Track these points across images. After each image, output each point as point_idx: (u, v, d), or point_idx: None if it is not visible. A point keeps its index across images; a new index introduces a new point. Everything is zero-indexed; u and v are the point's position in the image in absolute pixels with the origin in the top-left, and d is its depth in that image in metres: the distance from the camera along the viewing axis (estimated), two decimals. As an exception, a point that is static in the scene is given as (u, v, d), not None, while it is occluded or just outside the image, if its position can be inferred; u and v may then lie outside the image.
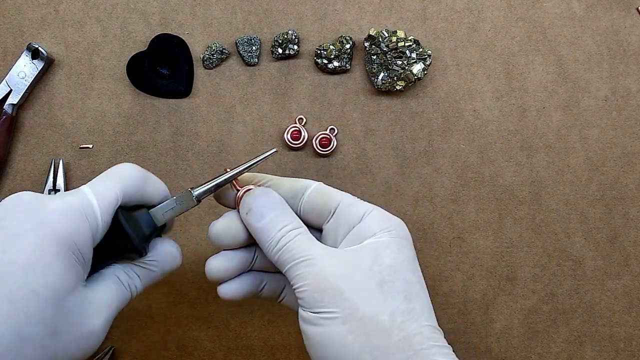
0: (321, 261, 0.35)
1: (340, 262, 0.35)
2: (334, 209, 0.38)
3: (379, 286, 0.34)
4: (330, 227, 0.38)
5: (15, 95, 0.51)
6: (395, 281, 0.34)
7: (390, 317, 0.33)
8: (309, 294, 0.34)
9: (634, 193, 0.53)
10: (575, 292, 0.53)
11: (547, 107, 0.54)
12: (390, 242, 0.36)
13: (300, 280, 0.35)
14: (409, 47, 0.51)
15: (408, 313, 0.34)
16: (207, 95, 0.53)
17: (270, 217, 0.37)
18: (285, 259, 0.36)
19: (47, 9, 0.53)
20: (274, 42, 0.52)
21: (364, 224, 0.37)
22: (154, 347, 0.52)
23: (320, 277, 0.34)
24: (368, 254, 0.35)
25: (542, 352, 0.52)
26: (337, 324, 0.33)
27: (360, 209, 0.37)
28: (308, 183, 0.39)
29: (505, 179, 0.53)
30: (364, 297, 0.33)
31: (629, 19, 0.54)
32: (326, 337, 0.34)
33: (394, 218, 0.38)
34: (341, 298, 0.33)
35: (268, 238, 0.36)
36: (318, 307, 0.34)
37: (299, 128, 0.52)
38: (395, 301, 0.34)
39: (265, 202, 0.37)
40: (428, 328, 0.34)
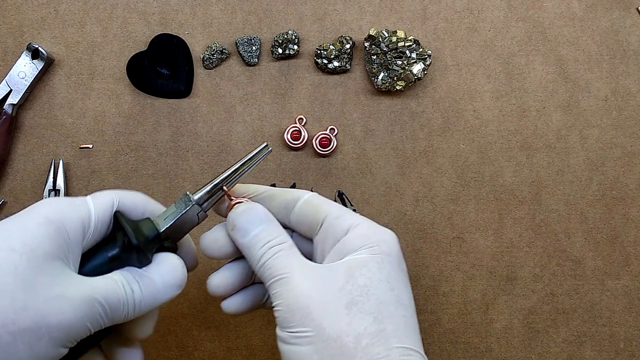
0: (295, 279, 0.35)
1: (313, 281, 0.35)
2: (322, 220, 0.38)
3: (347, 307, 0.34)
4: (319, 239, 0.38)
5: (15, 95, 0.51)
6: (365, 302, 0.34)
7: (355, 339, 0.33)
8: (281, 313, 0.34)
9: (634, 193, 0.53)
10: (575, 292, 0.53)
11: (547, 107, 0.54)
12: (368, 260, 0.35)
13: (276, 299, 0.35)
14: (409, 47, 0.51)
15: (376, 335, 0.33)
16: (207, 95, 0.53)
17: (254, 233, 0.37)
18: (266, 276, 0.36)
19: (47, 9, 0.53)
20: (274, 42, 0.52)
21: (347, 239, 0.36)
22: (154, 347, 0.52)
23: (292, 297, 0.34)
24: (343, 272, 0.35)
25: (542, 352, 0.52)
26: (304, 343, 0.33)
27: (347, 222, 0.37)
28: (300, 194, 0.39)
29: (505, 179, 0.53)
30: (331, 318, 0.33)
31: (629, 19, 0.54)
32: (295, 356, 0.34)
33: (381, 232, 0.37)
34: (309, 318, 0.33)
35: (252, 254, 0.37)
36: (289, 327, 0.34)
37: (299, 128, 0.52)
38: (363, 322, 0.33)
39: (249, 219, 0.37)
40: (398, 350, 0.33)
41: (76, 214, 0.34)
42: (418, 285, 0.52)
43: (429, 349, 0.52)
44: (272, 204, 0.39)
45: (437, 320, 0.52)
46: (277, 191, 0.40)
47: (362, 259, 0.35)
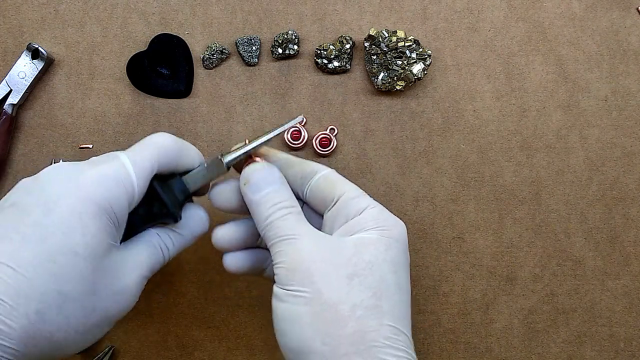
0: (302, 241, 0.35)
1: (320, 247, 0.35)
2: (337, 198, 0.38)
3: (349, 277, 0.34)
4: (330, 215, 0.38)
5: (15, 95, 0.51)
6: (368, 276, 0.34)
7: (350, 308, 0.33)
8: (283, 271, 0.35)
9: (634, 193, 0.53)
10: (575, 292, 0.53)
11: (547, 107, 0.54)
12: (377, 240, 0.36)
13: (279, 257, 0.35)
14: (409, 47, 0.51)
15: (371, 309, 0.34)
16: (207, 95, 0.53)
17: (266, 191, 0.37)
18: (270, 235, 0.36)
19: (47, 9, 0.53)
20: (274, 42, 0.52)
21: (360, 218, 0.37)
22: (154, 347, 0.52)
23: (296, 257, 0.35)
24: (351, 246, 0.36)
25: (542, 352, 0.52)
26: (300, 303, 0.34)
27: (362, 203, 0.38)
28: (319, 168, 0.40)
29: (505, 179, 0.53)
30: (331, 284, 0.34)
31: (629, 19, 0.54)
32: (288, 313, 0.34)
33: (394, 219, 0.38)
34: (309, 280, 0.34)
35: (260, 212, 0.37)
36: (288, 285, 0.34)
37: (299, 128, 0.52)
38: (361, 295, 0.34)
39: (263, 177, 0.38)
40: (389, 328, 0.34)
41: (123, 195, 0.34)
42: (418, 285, 0.52)
43: (429, 349, 0.52)
44: (289, 171, 0.40)
45: (437, 320, 0.52)
46: (296, 160, 0.40)
47: (372, 238, 0.36)
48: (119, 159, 0.35)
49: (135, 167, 0.35)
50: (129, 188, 0.34)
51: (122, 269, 0.35)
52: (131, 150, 0.36)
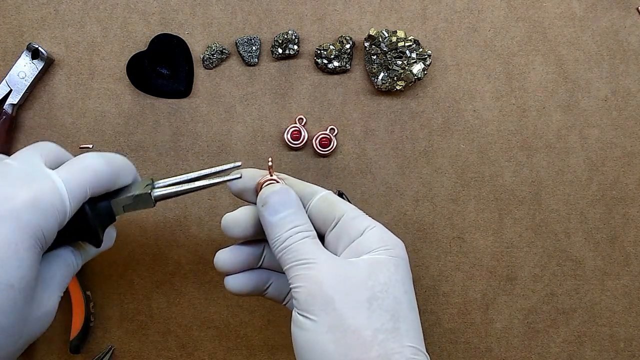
0: (320, 267, 0.35)
1: (338, 272, 0.35)
2: (338, 219, 0.39)
3: (368, 301, 0.34)
4: (333, 236, 0.39)
5: (15, 95, 0.51)
6: (385, 299, 0.35)
7: (373, 333, 0.33)
8: (303, 296, 0.35)
9: (634, 193, 0.53)
10: (575, 292, 0.53)
11: (547, 107, 0.54)
12: (387, 261, 0.36)
13: (297, 281, 0.36)
14: (409, 47, 0.51)
15: (392, 332, 0.34)
16: (207, 95, 0.53)
17: (284, 214, 0.38)
18: (287, 258, 0.36)
19: (47, 9, 0.53)
20: (274, 42, 0.52)
21: (364, 239, 0.37)
22: (154, 347, 0.52)
23: (316, 282, 0.35)
24: (365, 268, 0.36)
25: (542, 352, 0.52)
26: (322, 331, 0.34)
27: (363, 223, 0.38)
28: (317, 189, 0.40)
29: (505, 179, 0.53)
30: (352, 310, 0.34)
31: (629, 19, 0.54)
32: (310, 342, 0.34)
33: (395, 238, 0.38)
34: (331, 307, 0.34)
35: (277, 234, 0.37)
36: (308, 311, 0.35)
37: (299, 128, 0.52)
38: (381, 318, 0.34)
39: (282, 199, 0.38)
40: (410, 349, 0.34)
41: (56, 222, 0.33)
42: (418, 285, 0.52)
43: (429, 349, 0.52)
44: None
45: (437, 320, 0.52)
46: (295, 181, 0.41)
47: (382, 259, 0.36)
48: (52, 181, 0.34)
49: (71, 193, 0.34)
50: (62, 215, 0.33)
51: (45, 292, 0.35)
52: (65, 172, 0.35)
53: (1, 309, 0.30)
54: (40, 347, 0.52)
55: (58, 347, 0.52)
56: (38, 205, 0.32)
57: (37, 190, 0.33)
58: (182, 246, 0.52)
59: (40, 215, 0.32)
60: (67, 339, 0.51)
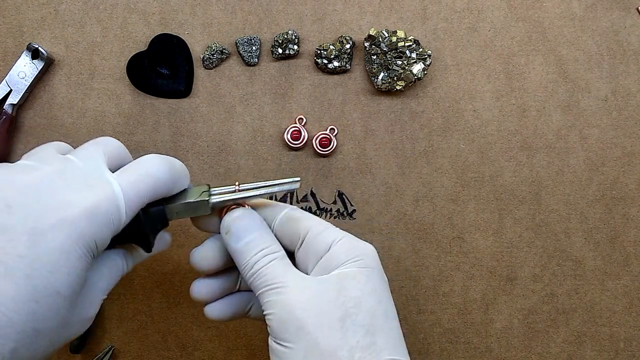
0: (290, 290, 0.35)
1: (307, 293, 0.35)
2: (304, 236, 0.38)
3: (341, 320, 0.34)
4: (301, 254, 0.38)
5: (15, 95, 0.51)
6: (358, 314, 0.34)
7: (348, 353, 0.33)
8: (275, 323, 0.34)
9: (634, 193, 0.53)
10: (575, 292, 0.53)
11: (547, 107, 0.54)
12: (357, 273, 0.36)
13: (269, 307, 0.35)
14: (409, 47, 0.51)
15: (368, 348, 0.33)
16: (207, 95, 0.53)
17: (248, 239, 0.37)
18: (257, 284, 0.36)
19: (47, 9, 0.53)
20: (274, 42, 0.52)
21: (331, 254, 0.37)
22: (154, 347, 0.52)
23: (286, 308, 0.34)
24: (334, 285, 0.35)
25: (542, 352, 0.52)
26: (298, 357, 0.33)
27: (328, 238, 0.37)
28: (280, 208, 0.40)
29: (505, 179, 0.53)
30: (326, 332, 0.33)
31: (629, 19, 0.54)
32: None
33: (363, 246, 0.38)
34: (304, 331, 0.33)
35: (244, 261, 0.37)
36: (282, 339, 0.34)
37: (299, 128, 0.52)
38: (356, 335, 0.34)
39: (244, 224, 0.37)
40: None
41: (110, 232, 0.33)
42: (418, 285, 0.52)
43: (429, 348, 0.52)
44: None
45: (437, 320, 0.52)
46: (258, 202, 0.40)
47: (351, 272, 0.36)
48: (112, 190, 0.33)
49: (128, 203, 0.34)
50: (117, 225, 0.33)
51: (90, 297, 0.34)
52: (126, 179, 0.34)
53: (44, 314, 0.30)
54: (40, 347, 0.52)
55: (58, 347, 0.52)
56: (95, 215, 0.32)
57: (96, 199, 0.32)
58: (182, 246, 0.52)
59: (95, 225, 0.32)
60: (67, 339, 0.50)
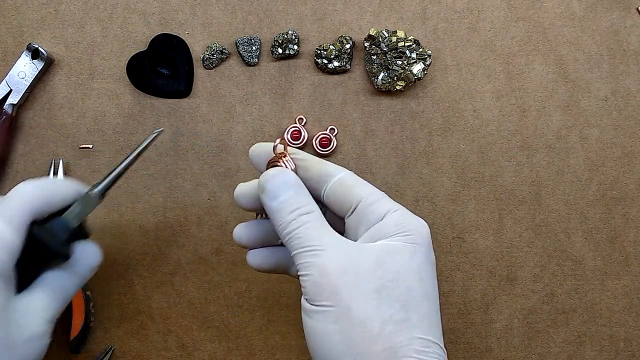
0: (327, 254, 0.34)
1: (345, 258, 0.34)
2: (355, 204, 0.37)
3: (377, 291, 0.33)
4: (351, 222, 0.38)
5: (15, 95, 0.51)
6: (395, 288, 0.34)
7: (380, 325, 0.33)
8: (309, 285, 0.34)
9: (634, 193, 0.53)
10: (575, 292, 0.53)
11: (547, 107, 0.54)
12: (402, 248, 0.35)
13: (304, 269, 0.34)
14: (409, 47, 0.51)
15: (401, 323, 0.33)
16: (207, 95, 0.53)
17: (283, 198, 0.36)
18: (293, 244, 0.35)
19: (47, 9, 0.53)
20: (274, 42, 0.52)
21: (382, 224, 0.36)
22: (154, 347, 0.52)
23: (322, 271, 0.34)
24: (376, 255, 0.35)
25: (542, 352, 0.52)
26: (329, 321, 0.33)
27: (382, 208, 0.37)
28: (335, 171, 0.38)
29: (505, 179, 0.53)
30: (360, 301, 0.33)
31: (629, 19, 0.54)
32: (317, 331, 0.34)
33: (416, 222, 0.37)
34: (337, 297, 0.33)
35: (280, 219, 0.36)
36: (316, 300, 0.34)
37: (299, 128, 0.52)
38: (390, 309, 0.33)
39: (279, 183, 0.37)
40: (420, 341, 0.33)
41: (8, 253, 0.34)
42: (418, 285, 0.52)
43: (429, 349, 0.52)
44: (307, 174, 0.38)
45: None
46: (313, 162, 0.39)
47: (396, 245, 0.35)
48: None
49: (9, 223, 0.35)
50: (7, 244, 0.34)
51: (27, 317, 0.35)
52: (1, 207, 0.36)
53: None
54: (40, 347, 0.52)
55: (58, 347, 0.52)
56: None
57: None
58: (182, 246, 0.52)
59: None
60: (67, 339, 0.51)
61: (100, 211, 0.52)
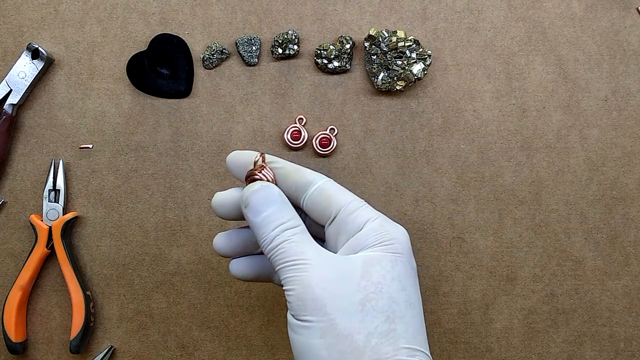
0: (311, 268, 0.34)
1: (329, 272, 0.34)
2: (335, 213, 0.37)
3: (361, 304, 0.33)
4: (331, 231, 0.38)
5: (15, 95, 0.51)
6: (379, 299, 0.34)
7: (365, 338, 0.33)
8: (294, 299, 0.34)
9: (634, 193, 0.53)
10: (575, 292, 0.53)
11: (547, 107, 0.54)
12: (382, 258, 0.35)
13: (288, 284, 0.34)
14: (409, 47, 0.51)
15: (386, 335, 0.33)
16: (207, 95, 0.53)
17: (266, 213, 0.36)
18: (277, 259, 0.35)
19: (47, 9, 0.53)
20: (274, 42, 0.52)
21: (361, 234, 0.36)
22: (154, 347, 0.52)
23: (306, 285, 0.34)
24: (359, 267, 0.34)
25: (542, 352, 0.52)
26: (315, 336, 0.33)
27: (361, 217, 0.37)
28: (314, 179, 0.38)
29: (505, 179, 0.53)
30: (344, 314, 0.33)
31: (629, 19, 0.54)
32: (304, 346, 0.33)
33: (394, 230, 0.37)
34: (322, 311, 0.33)
35: (263, 235, 0.36)
36: (301, 315, 0.34)
37: (299, 128, 0.52)
38: (374, 321, 0.33)
39: (262, 198, 0.36)
40: (405, 351, 0.33)
41: None
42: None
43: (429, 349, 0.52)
44: (286, 182, 0.38)
45: (437, 320, 0.52)
46: (291, 169, 0.38)
47: (377, 256, 0.35)
48: None
49: None
50: None
51: None
52: None
53: None
54: (40, 347, 0.52)
55: (58, 347, 0.52)
56: None
57: None
58: (182, 246, 0.52)
59: None
60: (67, 339, 0.51)
61: (100, 211, 0.52)
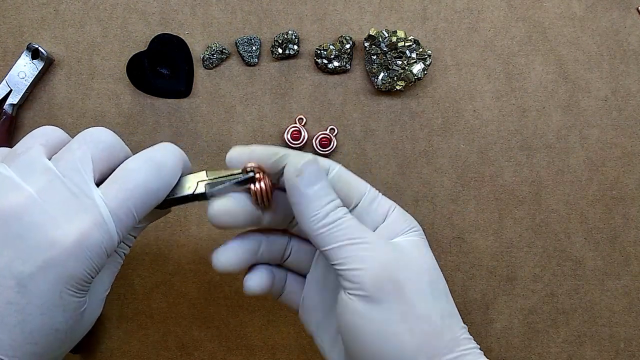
0: (378, 247, 0.32)
1: (396, 254, 0.33)
2: (357, 200, 0.36)
3: (429, 285, 0.33)
4: None
5: (15, 95, 0.51)
6: (439, 280, 0.34)
7: (440, 318, 0.32)
8: (368, 280, 0.31)
9: (634, 193, 0.53)
10: (575, 292, 0.53)
11: (547, 107, 0.54)
12: (420, 242, 0.35)
13: (354, 262, 0.32)
14: (409, 47, 0.51)
15: (451, 314, 0.33)
16: (207, 95, 0.53)
17: (319, 185, 0.33)
18: (335, 236, 0.32)
19: (47, 9, 0.53)
20: (274, 42, 0.52)
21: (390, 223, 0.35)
22: (154, 347, 0.52)
23: (381, 265, 0.32)
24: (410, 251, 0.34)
25: (542, 352, 0.52)
26: (395, 320, 0.31)
27: (383, 207, 0.36)
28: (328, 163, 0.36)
29: (505, 179, 0.53)
30: (420, 296, 0.32)
31: (629, 19, 0.54)
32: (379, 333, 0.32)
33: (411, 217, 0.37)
34: (401, 293, 0.32)
35: (314, 208, 0.32)
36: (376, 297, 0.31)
37: (299, 128, 0.52)
38: (441, 301, 0.33)
39: (316, 170, 0.33)
40: (463, 330, 0.34)
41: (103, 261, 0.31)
42: (418, 285, 0.52)
43: (429, 349, 0.52)
44: None
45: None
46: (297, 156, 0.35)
47: (416, 241, 0.35)
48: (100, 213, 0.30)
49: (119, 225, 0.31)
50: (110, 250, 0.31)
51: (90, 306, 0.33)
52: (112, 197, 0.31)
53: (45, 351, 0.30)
54: (40, 347, 0.52)
55: (58, 347, 0.52)
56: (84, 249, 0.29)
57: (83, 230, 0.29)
58: (182, 246, 0.52)
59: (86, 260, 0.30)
60: (67, 339, 0.50)
61: (100, 211, 0.52)
